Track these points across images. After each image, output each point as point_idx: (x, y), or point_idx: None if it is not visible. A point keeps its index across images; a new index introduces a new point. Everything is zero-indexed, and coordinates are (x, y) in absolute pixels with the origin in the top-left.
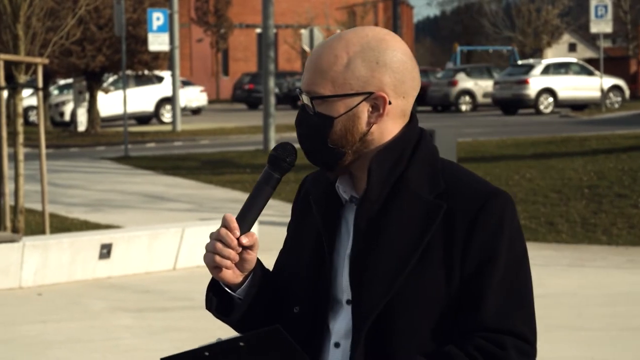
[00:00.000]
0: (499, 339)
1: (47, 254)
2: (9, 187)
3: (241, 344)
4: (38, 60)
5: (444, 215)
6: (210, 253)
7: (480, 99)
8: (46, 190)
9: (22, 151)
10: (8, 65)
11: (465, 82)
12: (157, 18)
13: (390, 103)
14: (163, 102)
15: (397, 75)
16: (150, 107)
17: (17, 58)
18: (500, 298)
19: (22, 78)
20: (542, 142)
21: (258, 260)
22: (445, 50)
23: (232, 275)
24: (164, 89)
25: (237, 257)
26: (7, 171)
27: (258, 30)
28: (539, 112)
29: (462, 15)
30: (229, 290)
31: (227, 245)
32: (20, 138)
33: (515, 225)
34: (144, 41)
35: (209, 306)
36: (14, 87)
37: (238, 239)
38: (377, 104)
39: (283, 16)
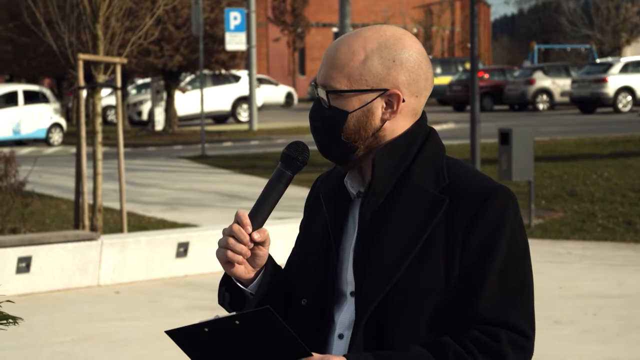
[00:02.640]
0: (493, 331)
1: (124, 253)
2: (87, 185)
3: (236, 322)
4: (117, 60)
5: (446, 209)
6: (223, 248)
7: (557, 97)
8: (124, 189)
9: (100, 150)
10: (87, 65)
11: (542, 80)
12: (234, 17)
13: (403, 101)
14: (240, 101)
15: (412, 74)
16: (227, 106)
17: (96, 58)
18: (498, 292)
19: (101, 78)
20: (621, 140)
21: (270, 256)
22: (523, 48)
23: (244, 270)
24: (240, 88)
25: (249, 253)
26: (86, 170)
27: (335, 30)
28: (617, 111)
29: (539, 13)
30: (241, 286)
31: (239, 240)
32: (99, 137)
33: (517, 221)
34: (221, 40)
35: (222, 301)
36: (93, 87)
37: (250, 234)
38: (391, 101)
39: (359, 15)
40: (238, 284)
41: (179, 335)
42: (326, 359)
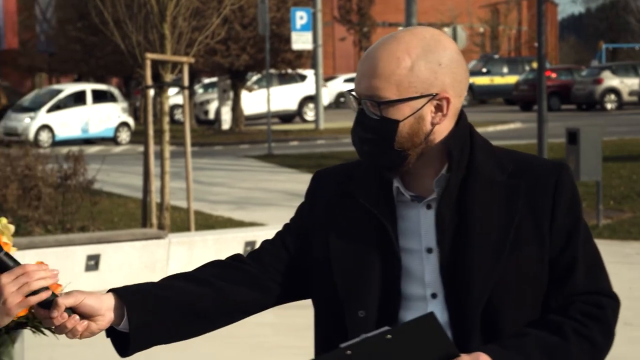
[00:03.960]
0: (595, 300)
1: (192, 251)
2: (155, 184)
3: (388, 336)
4: (184, 59)
5: (523, 193)
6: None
7: (625, 97)
8: (191, 188)
9: (168, 149)
10: (155, 64)
11: (610, 80)
12: (300, 17)
13: (451, 102)
14: (306, 100)
15: (455, 75)
16: (293, 106)
17: (164, 57)
18: (587, 262)
19: (169, 77)
20: None
21: (124, 288)
22: (590, 48)
23: (95, 327)
24: (307, 87)
25: (73, 320)
26: (154, 169)
27: (400, 29)
28: None
29: (607, 12)
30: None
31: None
32: (166, 136)
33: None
34: (288, 40)
35: (117, 348)
36: (160, 86)
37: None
38: (441, 105)
39: (426, 14)
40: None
41: None
42: (475, 357)
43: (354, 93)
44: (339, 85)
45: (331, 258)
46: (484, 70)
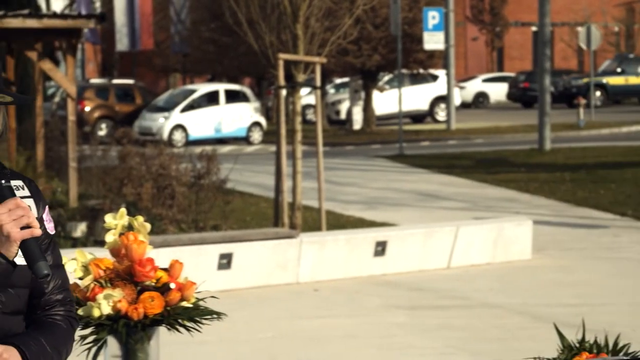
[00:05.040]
0: None
1: (323, 251)
2: (287, 184)
3: None
4: (316, 59)
5: None
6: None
7: None
8: (323, 188)
9: (300, 149)
10: (287, 64)
11: None
12: (432, 17)
13: None
14: (437, 100)
15: None
16: (424, 106)
17: (297, 57)
18: None
19: (301, 77)
20: None
21: None
22: None
23: None
24: (438, 87)
25: None
26: (286, 168)
27: (534, 28)
28: None
29: None
30: None
31: None
32: (298, 136)
33: None
34: (419, 40)
35: None
36: (292, 86)
37: None
38: None
39: (559, 14)
40: None
41: None
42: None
43: None
44: (478, 85)
45: None
46: (619, 70)
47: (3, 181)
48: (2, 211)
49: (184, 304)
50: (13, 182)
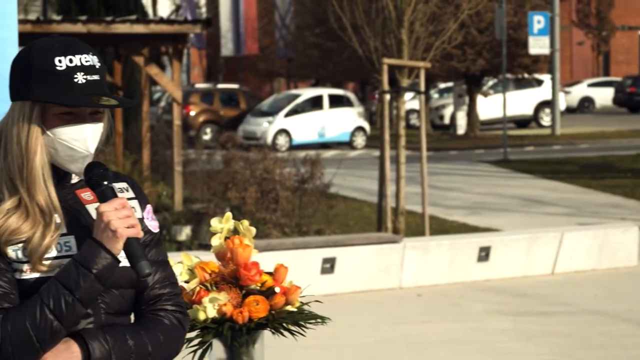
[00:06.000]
0: None
1: (426, 256)
2: (390, 188)
3: None
4: (421, 64)
5: None
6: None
7: None
8: (426, 193)
9: (403, 154)
10: (392, 69)
11: None
12: (537, 21)
13: None
14: (542, 105)
15: None
16: (529, 111)
17: (401, 62)
18: None
19: (405, 82)
20: None
21: None
22: None
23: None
24: (543, 92)
25: None
26: (389, 173)
27: None
28: None
29: None
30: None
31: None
32: (402, 141)
33: None
34: (524, 44)
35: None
36: (397, 91)
37: None
38: None
39: None
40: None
41: None
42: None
43: None
44: (583, 89)
45: None
46: None
47: (105, 182)
48: (109, 208)
49: (289, 308)
50: (118, 185)
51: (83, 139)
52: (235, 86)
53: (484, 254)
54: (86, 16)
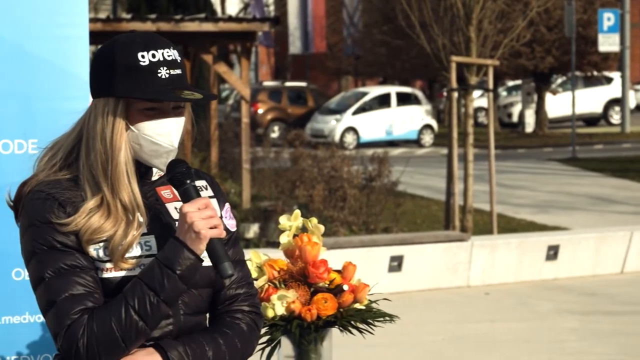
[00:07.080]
0: None
1: (494, 254)
2: (458, 187)
3: None
4: (489, 62)
5: None
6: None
7: None
8: (494, 191)
9: (471, 152)
10: (460, 67)
11: None
12: (607, 18)
13: None
14: (612, 103)
15: None
16: (598, 109)
17: (469, 60)
18: None
19: (473, 79)
20: None
21: None
22: None
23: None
24: (613, 90)
25: None
26: (457, 171)
27: None
28: None
29: None
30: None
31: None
32: (470, 139)
33: None
34: (594, 42)
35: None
36: (465, 89)
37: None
38: None
39: None
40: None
41: None
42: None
43: None
44: None
45: None
46: None
47: (188, 181)
48: (192, 209)
49: (357, 305)
50: (198, 183)
51: (167, 133)
52: (303, 84)
53: (553, 252)
54: (155, 14)
